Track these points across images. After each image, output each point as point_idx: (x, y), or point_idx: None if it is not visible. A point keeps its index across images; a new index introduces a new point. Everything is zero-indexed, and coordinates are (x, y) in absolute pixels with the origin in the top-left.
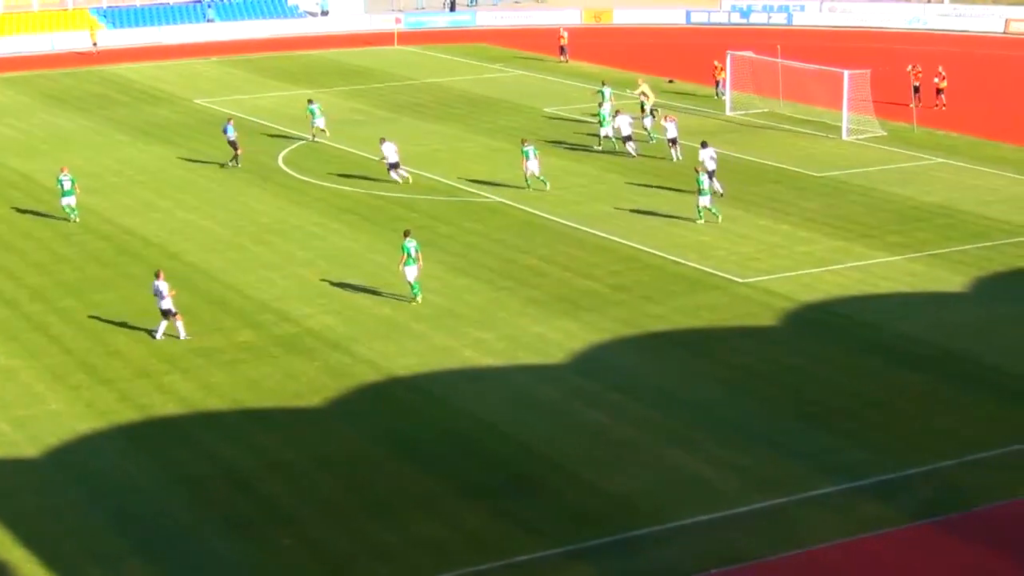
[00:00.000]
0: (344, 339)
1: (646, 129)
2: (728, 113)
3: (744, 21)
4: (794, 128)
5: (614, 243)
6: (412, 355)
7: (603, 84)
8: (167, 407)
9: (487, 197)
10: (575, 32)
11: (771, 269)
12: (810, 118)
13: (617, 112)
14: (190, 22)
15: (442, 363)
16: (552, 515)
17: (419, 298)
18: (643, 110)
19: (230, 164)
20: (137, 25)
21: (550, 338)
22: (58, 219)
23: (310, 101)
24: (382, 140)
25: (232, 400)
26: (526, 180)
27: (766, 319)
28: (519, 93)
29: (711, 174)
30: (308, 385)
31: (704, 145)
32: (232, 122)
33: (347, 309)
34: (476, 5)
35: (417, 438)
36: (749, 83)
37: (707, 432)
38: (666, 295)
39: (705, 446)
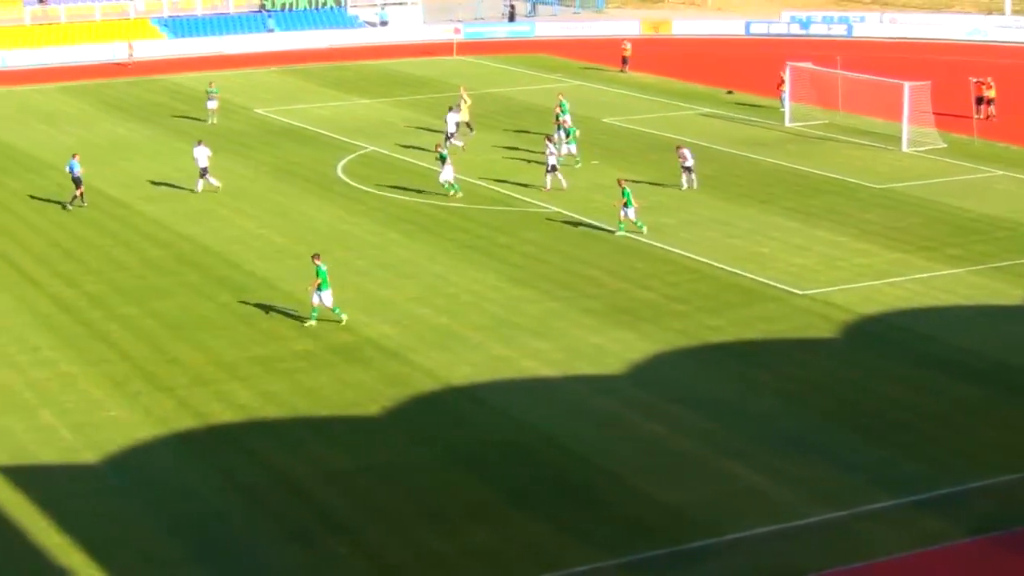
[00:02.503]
0: (401, 348)
1: (571, 154)
2: (787, 124)
3: (804, 32)
4: (853, 140)
5: (672, 254)
6: (469, 365)
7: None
8: (225, 415)
9: (544, 207)
10: (634, 43)
11: (830, 281)
12: (870, 130)
13: (548, 138)
14: (251, 32)
15: (499, 373)
16: (608, 526)
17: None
18: (560, 131)
19: (70, 206)
20: (198, 35)
21: (607, 349)
22: (119, 227)
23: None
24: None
25: (289, 408)
26: (619, 223)
27: (824, 331)
28: (577, 103)
29: (688, 169)
30: (365, 394)
31: (679, 148)
32: (77, 158)
33: (404, 318)
34: (535, 15)
35: (473, 447)
36: (809, 94)
37: (764, 444)
38: (724, 306)
39: (762, 458)
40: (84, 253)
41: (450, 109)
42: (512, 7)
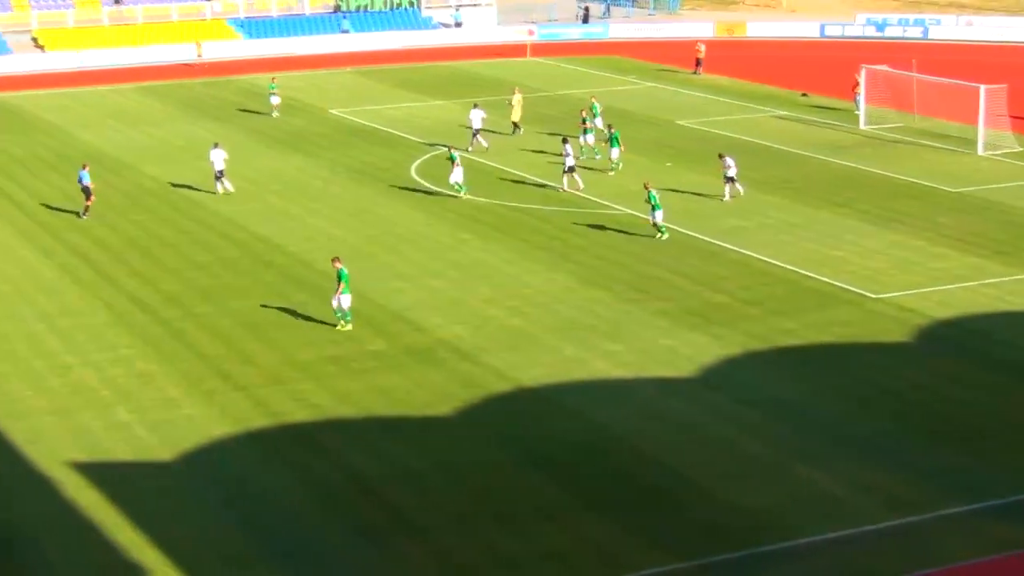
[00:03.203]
0: (474, 349)
1: (587, 145)
2: (862, 127)
3: (879, 34)
4: (929, 143)
5: (746, 256)
6: (542, 366)
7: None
8: (299, 414)
9: (618, 209)
10: (708, 44)
11: (904, 285)
12: (945, 133)
13: (565, 140)
14: (325, 33)
15: (572, 374)
16: (680, 529)
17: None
18: (584, 124)
19: (83, 215)
20: (273, 36)
21: (680, 351)
22: (195, 226)
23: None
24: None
25: (363, 408)
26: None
27: (898, 335)
28: (651, 105)
29: (731, 179)
30: (438, 394)
31: (721, 156)
32: (87, 168)
33: (477, 319)
34: (609, 17)
35: (545, 449)
36: (884, 97)
37: (837, 448)
38: (798, 310)
39: (835, 463)
40: (161, 252)
41: (475, 106)
42: (586, 9)
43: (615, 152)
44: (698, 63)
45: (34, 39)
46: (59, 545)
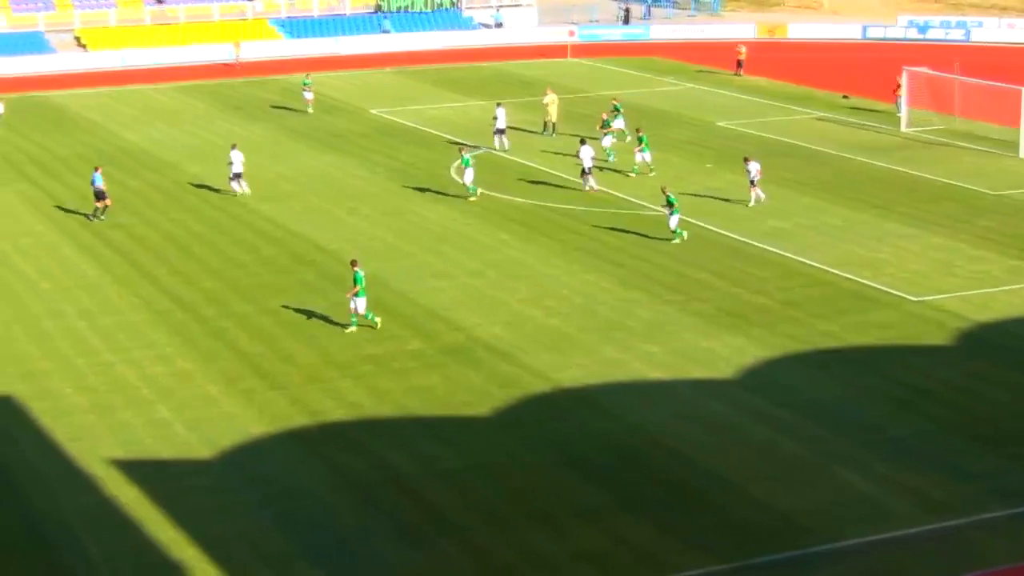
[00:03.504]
0: (513, 349)
1: (604, 148)
2: (903, 129)
3: (921, 37)
4: (970, 145)
5: (785, 258)
6: (580, 367)
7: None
8: (337, 413)
9: (657, 210)
10: (749, 46)
11: (944, 288)
12: (987, 135)
13: (583, 140)
14: (366, 33)
15: (610, 375)
16: (717, 530)
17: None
18: (606, 127)
19: (93, 218)
20: (314, 36)
21: (719, 353)
22: (235, 225)
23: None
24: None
25: (401, 407)
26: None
27: (938, 338)
28: (691, 106)
29: (754, 183)
30: (476, 394)
31: (746, 160)
32: (100, 171)
33: (515, 319)
34: (650, 18)
35: (583, 450)
36: (925, 99)
37: (876, 451)
38: (837, 312)
39: (874, 465)
40: (201, 251)
41: (498, 105)
42: (627, 10)
43: (646, 155)
44: (739, 64)
45: (77, 38)
46: (99, 542)
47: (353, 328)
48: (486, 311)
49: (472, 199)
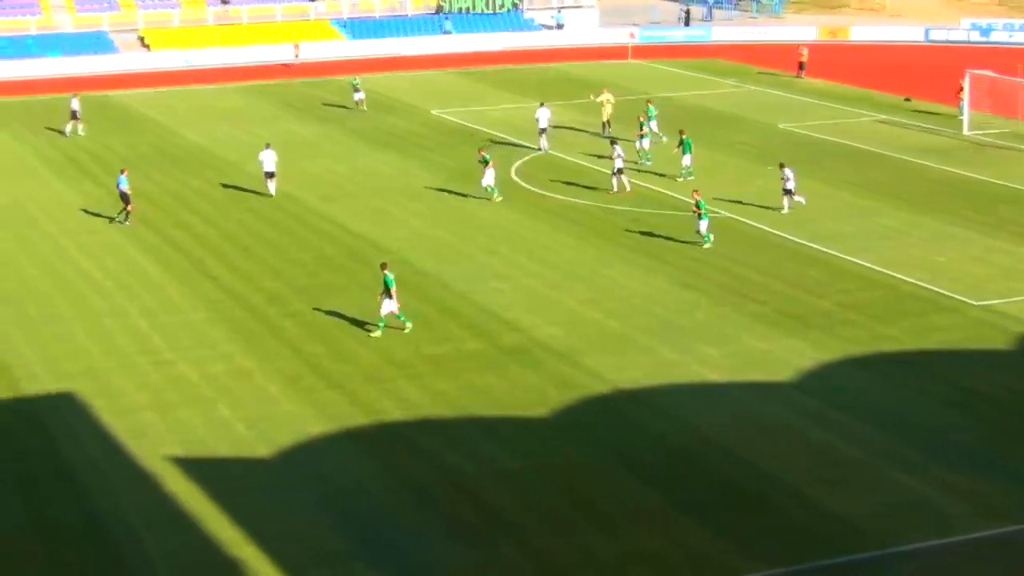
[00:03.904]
0: (571, 351)
1: (641, 149)
2: (965, 132)
3: (984, 39)
4: None
5: (846, 262)
6: (638, 368)
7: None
8: (395, 413)
9: (716, 212)
10: (811, 48)
11: (1006, 292)
12: None
13: (614, 141)
14: (427, 34)
15: (668, 377)
16: (775, 534)
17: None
18: (642, 128)
19: (118, 220)
20: (376, 36)
21: (777, 356)
22: (295, 225)
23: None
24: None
25: (459, 408)
26: (704, 236)
27: (1000, 343)
28: (752, 108)
29: (789, 192)
30: (534, 395)
31: (782, 166)
32: (126, 173)
33: (574, 320)
34: (711, 20)
35: (640, 451)
36: (988, 102)
37: (936, 456)
38: (897, 315)
39: (934, 470)
40: (261, 250)
41: (541, 105)
42: (688, 11)
43: (687, 158)
44: (801, 66)
45: (140, 38)
46: (158, 539)
47: (379, 332)
48: (544, 312)
49: (498, 199)
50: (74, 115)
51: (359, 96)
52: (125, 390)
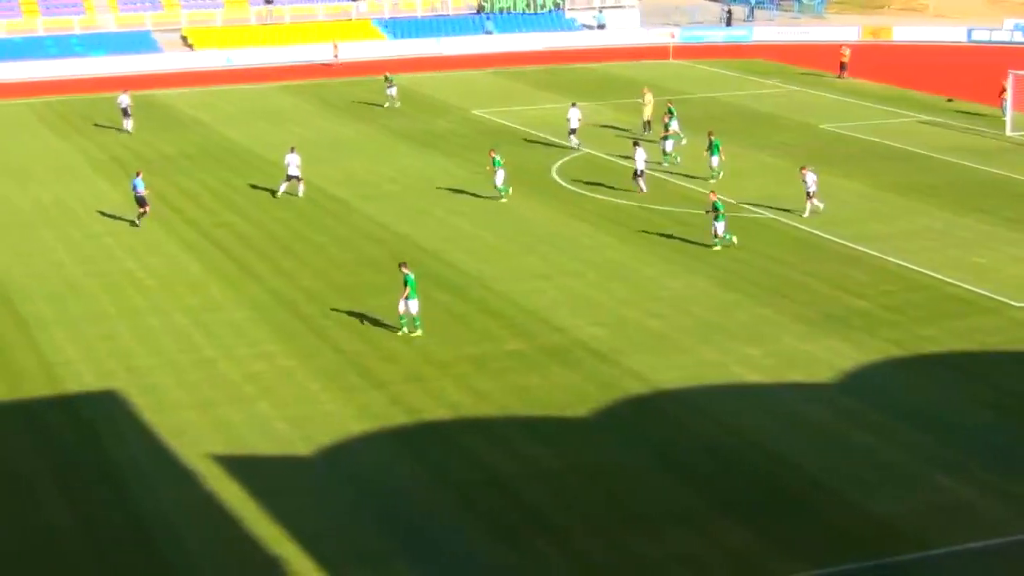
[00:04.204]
0: (611, 351)
1: (667, 153)
2: (1008, 133)
3: None
4: None
5: (887, 263)
6: (678, 368)
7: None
8: (437, 412)
9: (759, 213)
10: (853, 48)
11: None
12: None
13: (636, 143)
14: (468, 34)
15: (709, 378)
16: (815, 535)
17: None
18: (666, 130)
19: (136, 223)
20: (417, 36)
21: (818, 356)
22: (336, 224)
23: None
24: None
25: (500, 407)
26: (715, 239)
27: None
28: (794, 109)
29: (811, 194)
30: (574, 395)
31: (803, 169)
32: (141, 176)
33: (615, 321)
34: (753, 20)
35: (681, 452)
36: None
37: (977, 458)
38: (939, 317)
39: (975, 472)
40: (303, 249)
41: (572, 105)
42: (729, 11)
43: (714, 160)
44: (842, 67)
45: (183, 37)
46: (199, 536)
47: (404, 331)
48: (585, 312)
49: (503, 200)
50: (125, 112)
51: (392, 91)
52: (167, 388)
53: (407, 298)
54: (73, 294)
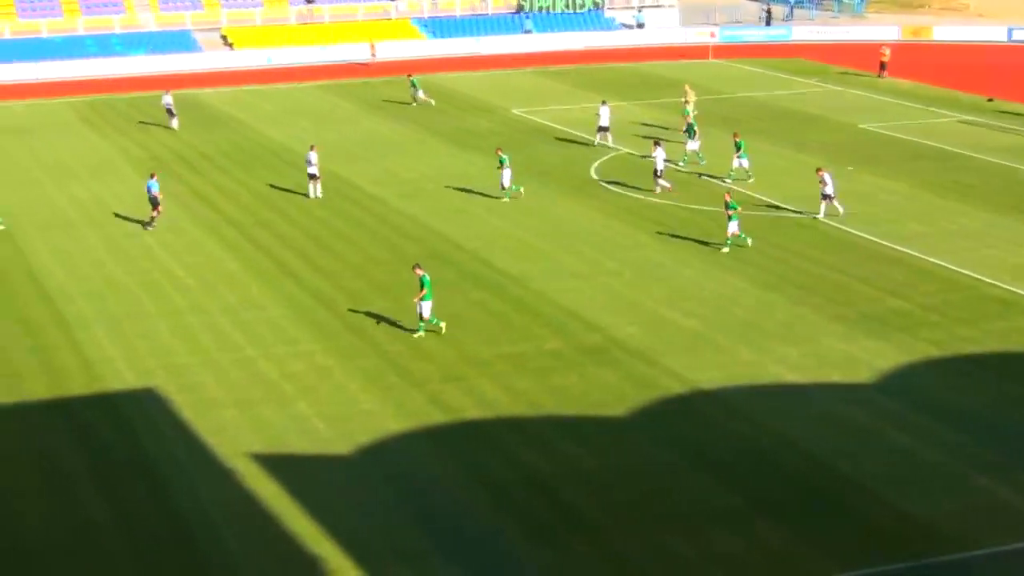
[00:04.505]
0: (649, 350)
1: (696, 152)
2: None
3: None
4: None
5: (926, 263)
6: (716, 368)
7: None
8: (474, 411)
9: (794, 212)
10: (893, 48)
11: None
12: None
13: (657, 142)
14: (508, 33)
15: (746, 378)
16: (854, 536)
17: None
18: (692, 133)
19: (148, 226)
20: (456, 36)
21: (857, 357)
22: (375, 222)
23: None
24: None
25: (537, 406)
26: (726, 239)
27: None
28: (833, 108)
29: (828, 196)
30: (612, 394)
31: (819, 171)
32: (156, 178)
33: (653, 320)
34: (792, 19)
35: (718, 452)
36: None
37: (1016, 458)
38: (979, 317)
39: (1014, 473)
40: (342, 248)
41: (603, 103)
42: (769, 11)
43: (744, 161)
44: (882, 66)
45: (223, 37)
46: (238, 534)
47: (421, 333)
48: (623, 311)
49: (505, 200)
50: (170, 111)
51: (420, 94)
52: (206, 386)
53: (422, 299)
54: (113, 292)
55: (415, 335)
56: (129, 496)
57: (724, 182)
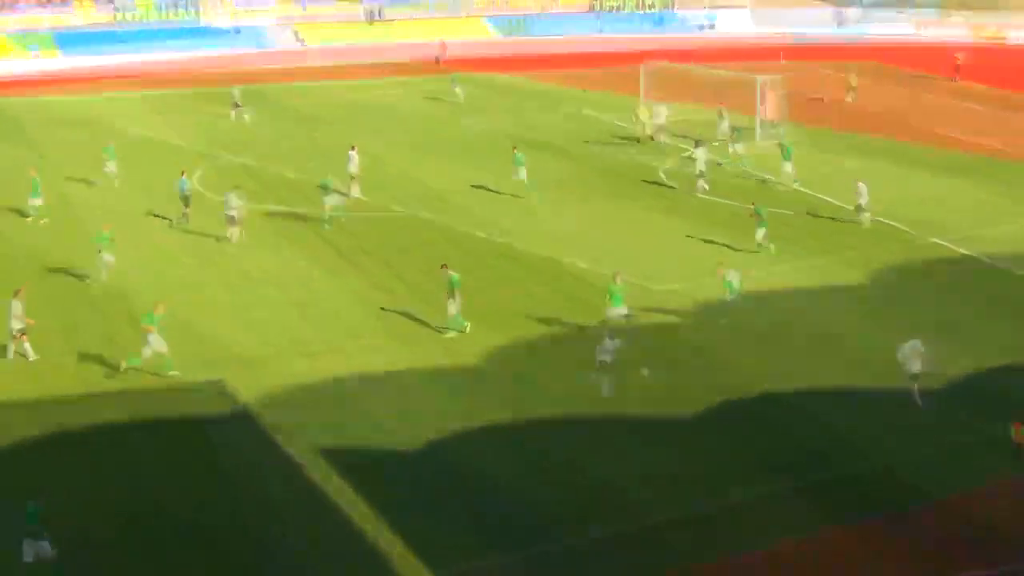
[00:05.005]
0: (718, 352)
1: (738, 155)
2: None
3: None
4: None
5: (998, 268)
6: (787, 372)
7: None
8: (541, 409)
9: (878, 220)
10: (966, 51)
11: None
12: None
13: (697, 143)
14: (580, 32)
15: (817, 380)
16: (930, 544)
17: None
18: (732, 135)
19: (178, 222)
20: (527, 35)
21: (932, 363)
22: (445, 221)
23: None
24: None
25: (604, 406)
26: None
27: None
28: (906, 112)
29: (859, 207)
30: (683, 396)
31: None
32: (186, 175)
33: (722, 321)
34: (865, 21)
35: (787, 455)
36: None
37: None
38: None
39: None
40: (412, 244)
41: (659, 102)
42: (840, 12)
43: (788, 166)
44: (956, 69)
45: (295, 32)
46: (302, 529)
47: (453, 332)
48: (691, 313)
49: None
50: (237, 104)
51: (457, 89)
52: (275, 382)
53: (452, 299)
54: (183, 287)
55: (446, 335)
56: (195, 489)
57: (794, 185)
